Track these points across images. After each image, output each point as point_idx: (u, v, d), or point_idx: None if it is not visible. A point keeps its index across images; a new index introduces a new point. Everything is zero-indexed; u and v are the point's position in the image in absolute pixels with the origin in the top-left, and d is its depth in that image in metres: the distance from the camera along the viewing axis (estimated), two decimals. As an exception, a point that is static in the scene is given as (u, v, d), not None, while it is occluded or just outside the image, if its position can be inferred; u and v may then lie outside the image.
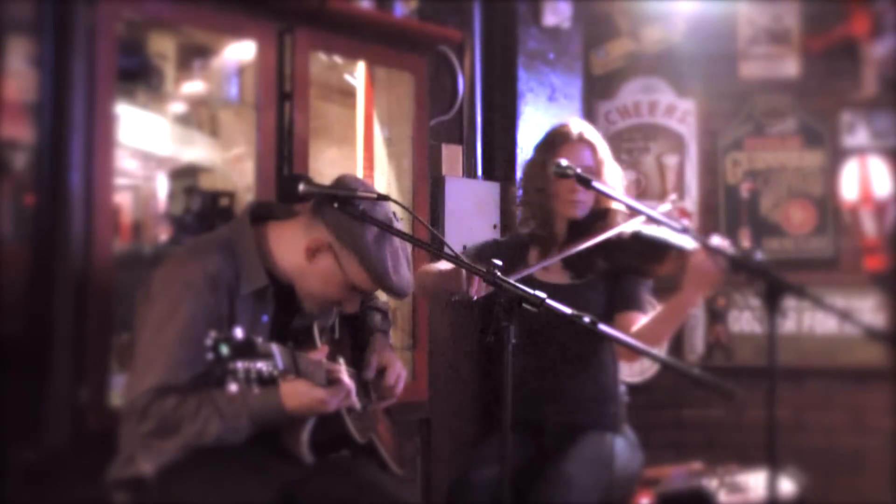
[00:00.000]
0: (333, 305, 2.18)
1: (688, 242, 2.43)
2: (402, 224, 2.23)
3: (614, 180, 2.73)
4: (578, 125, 2.76)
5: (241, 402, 1.94)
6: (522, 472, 2.56)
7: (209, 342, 1.69)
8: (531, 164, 2.80)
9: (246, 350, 1.72)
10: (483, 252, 2.79)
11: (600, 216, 2.66)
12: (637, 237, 2.54)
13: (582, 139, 2.72)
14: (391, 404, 2.43)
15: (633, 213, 2.48)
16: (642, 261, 2.57)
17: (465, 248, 2.85)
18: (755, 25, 4.18)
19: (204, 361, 1.71)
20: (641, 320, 2.62)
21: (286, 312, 2.18)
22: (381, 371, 2.37)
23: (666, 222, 2.35)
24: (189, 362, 1.95)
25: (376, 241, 2.07)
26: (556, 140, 2.74)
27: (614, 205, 2.69)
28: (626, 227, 2.53)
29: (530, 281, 2.66)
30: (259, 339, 1.77)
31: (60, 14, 2.39)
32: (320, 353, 2.03)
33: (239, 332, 1.72)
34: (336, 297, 2.13)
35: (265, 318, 2.11)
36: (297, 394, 1.96)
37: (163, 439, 1.97)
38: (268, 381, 1.79)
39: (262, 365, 1.74)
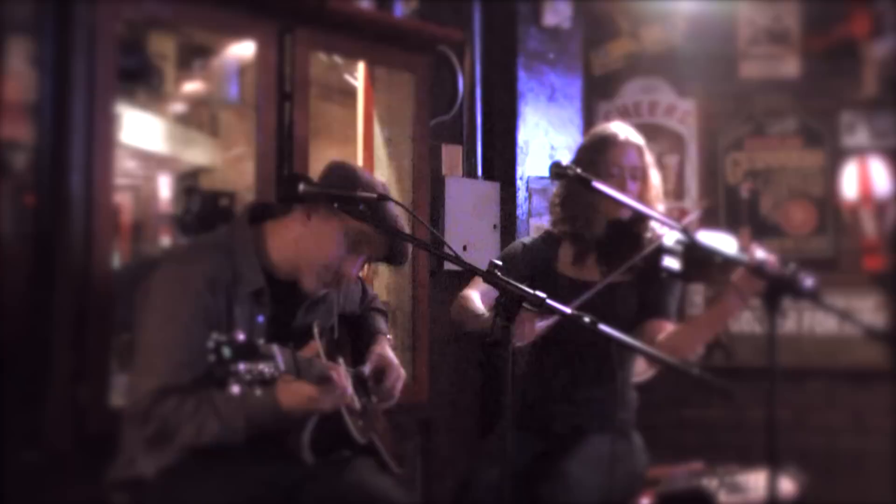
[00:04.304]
0: (335, 270, 2.15)
1: (734, 253, 2.40)
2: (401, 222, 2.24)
3: (656, 183, 2.75)
4: (625, 128, 2.77)
5: (238, 401, 1.93)
6: (528, 472, 2.56)
7: (211, 344, 1.69)
8: (578, 164, 2.67)
9: (248, 352, 1.72)
10: (512, 258, 2.77)
11: (642, 216, 2.64)
12: (686, 245, 2.50)
13: (630, 140, 2.73)
14: (390, 405, 2.43)
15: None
16: (689, 269, 2.53)
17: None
18: (755, 25, 4.17)
19: (204, 362, 1.71)
20: (669, 328, 2.61)
21: (286, 313, 2.18)
22: (381, 372, 2.37)
23: (664, 221, 2.35)
24: (189, 363, 1.95)
25: None
26: (604, 141, 2.74)
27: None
28: (672, 233, 2.49)
29: (561, 277, 2.66)
30: (261, 341, 1.76)
31: (60, 14, 2.39)
32: (314, 348, 2.03)
33: (241, 335, 1.73)
34: (335, 257, 2.12)
35: (261, 319, 2.11)
36: (291, 392, 1.95)
37: (164, 443, 1.97)
38: (269, 383, 1.79)
39: (263, 367, 1.74)
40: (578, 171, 2.44)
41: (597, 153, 2.72)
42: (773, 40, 4.15)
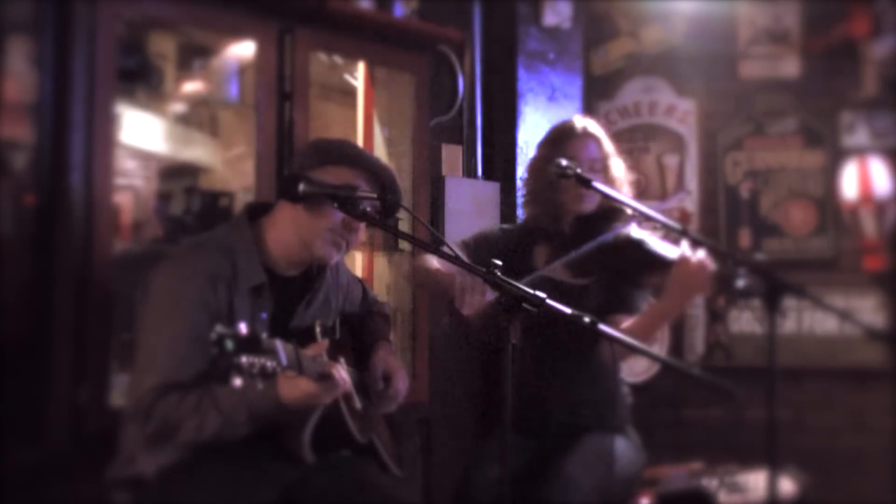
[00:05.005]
0: (342, 226, 2.14)
1: (675, 252, 2.46)
2: (402, 223, 2.24)
3: (619, 173, 2.75)
4: (582, 120, 2.78)
5: (240, 396, 1.93)
6: (525, 472, 2.56)
7: (214, 336, 1.68)
8: (537, 161, 2.81)
9: (251, 345, 1.72)
10: (486, 239, 2.79)
11: (608, 211, 2.67)
12: (634, 244, 2.55)
13: (587, 133, 2.73)
14: (391, 409, 2.43)
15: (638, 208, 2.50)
16: (636, 269, 2.58)
17: (462, 242, 2.82)
18: (755, 26, 4.18)
19: (205, 358, 1.71)
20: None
21: (285, 310, 2.18)
22: (386, 378, 2.37)
23: (663, 221, 2.35)
24: (191, 359, 1.95)
25: None
26: (561, 135, 2.75)
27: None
28: (624, 231, 2.54)
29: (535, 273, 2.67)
30: (263, 335, 1.76)
31: (60, 14, 2.39)
32: (320, 347, 2.03)
33: (243, 327, 1.72)
34: (337, 216, 2.12)
35: (264, 316, 2.11)
36: (292, 388, 1.94)
37: (166, 440, 1.97)
38: (271, 377, 1.78)
39: (266, 360, 1.74)
40: (578, 170, 2.45)
41: (554, 148, 2.73)
42: (773, 40, 4.16)
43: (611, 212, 2.67)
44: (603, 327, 1.90)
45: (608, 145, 2.75)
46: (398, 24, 3.22)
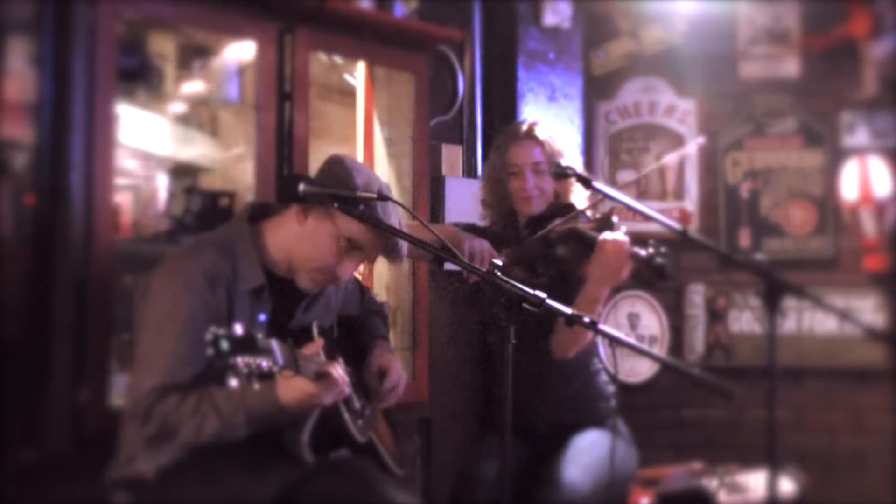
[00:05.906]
0: (330, 273, 2.15)
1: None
2: (402, 224, 2.24)
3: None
4: (529, 122, 2.80)
5: (238, 398, 1.93)
6: (521, 473, 2.56)
7: (209, 337, 1.68)
8: (486, 167, 2.87)
9: (246, 345, 1.72)
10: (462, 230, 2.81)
11: (560, 211, 2.67)
12: (575, 237, 2.54)
13: (530, 136, 2.75)
14: (390, 406, 2.43)
15: (596, 205, 2.51)
16: (580, 260, 2.57)
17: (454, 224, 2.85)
18: (755, 25, 4.18)
19: (205, 359, 1.70)
20: None
21: (284, 311, 2.18)
22: (382, 374, 2.37)
23: (663, 221, 2.35)
24: (190, 360, 1.95)
25: None
26: (506, 140, 2.79)
27: (573, 199, 2.71)
28: (561, 226, 2.55)
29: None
30: (259, 335, 1.76)
31: (60, 14, 2.39)
32: (315, 347, 2.03)
33: (239, 328, 1.72)
34: (332, 258, 2.11)
35: (262, 318, 2.10)
36: (290, 388, 1.94)
37: (165, 441, 1.97)
38: (267, 377, 1.78)
39: (262, 360, 1.74)
40: (577, 171, 2.45)
41: (498, 152, 2.78)
42: (773, 40, 4.15)
43: (562, 210, 2.67)
44: (602, 327, 1.90)
45: (559, 145, 2.75)
46: (398, 24, 3.22)
